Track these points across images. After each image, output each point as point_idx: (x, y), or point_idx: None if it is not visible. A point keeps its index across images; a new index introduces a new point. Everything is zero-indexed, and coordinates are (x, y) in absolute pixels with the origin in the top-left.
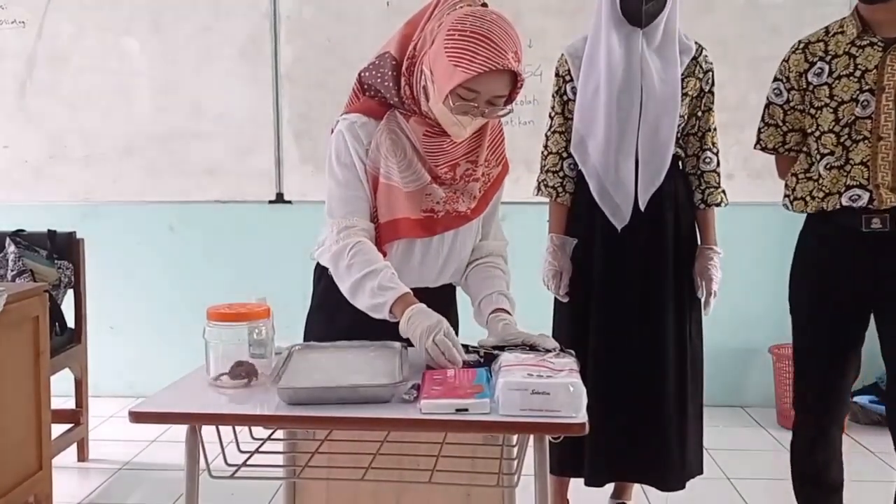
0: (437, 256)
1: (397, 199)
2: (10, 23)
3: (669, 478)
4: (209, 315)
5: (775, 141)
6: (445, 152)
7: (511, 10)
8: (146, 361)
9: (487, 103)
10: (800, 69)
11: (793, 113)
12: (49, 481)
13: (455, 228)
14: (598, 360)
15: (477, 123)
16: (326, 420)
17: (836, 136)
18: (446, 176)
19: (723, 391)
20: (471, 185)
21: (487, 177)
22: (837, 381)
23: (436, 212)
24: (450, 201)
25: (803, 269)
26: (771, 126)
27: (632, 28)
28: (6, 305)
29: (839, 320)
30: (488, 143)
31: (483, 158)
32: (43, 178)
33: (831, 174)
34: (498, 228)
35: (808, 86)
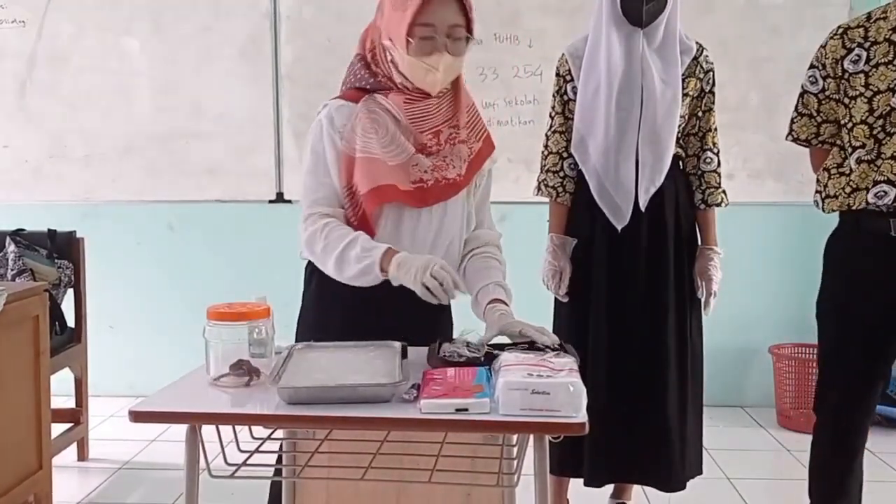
0: (427, 231)
1: (381, 170)
2: (10, 22)
3: (670, 478)
4: (209, 314)
5: (808, 132)
6: (428, 116)
7: (510, 10)
8: (146, 361)
9: (448, 38)
10: (836, 56)
11: (828, 102)
12: (49, 480)
13: (446, 199)
14: (598, 360)
15: (449, 67)
16: (326, 419)
17: (868, 128)
18: (431, 143)
19: (723, 391)
20: (458, 149)
21: (471, 149)
22: (864, 390)
23: (425, 181)
24: (438, 169)
25: (832, 275)
26: (804, 116)
27: (632, 28)
28: (6, 305)
29: (869, 328)
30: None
31: (463, 122)
32: (43, 178)
33: (860, 168)
34: (490, 219)
35: (843, 73)
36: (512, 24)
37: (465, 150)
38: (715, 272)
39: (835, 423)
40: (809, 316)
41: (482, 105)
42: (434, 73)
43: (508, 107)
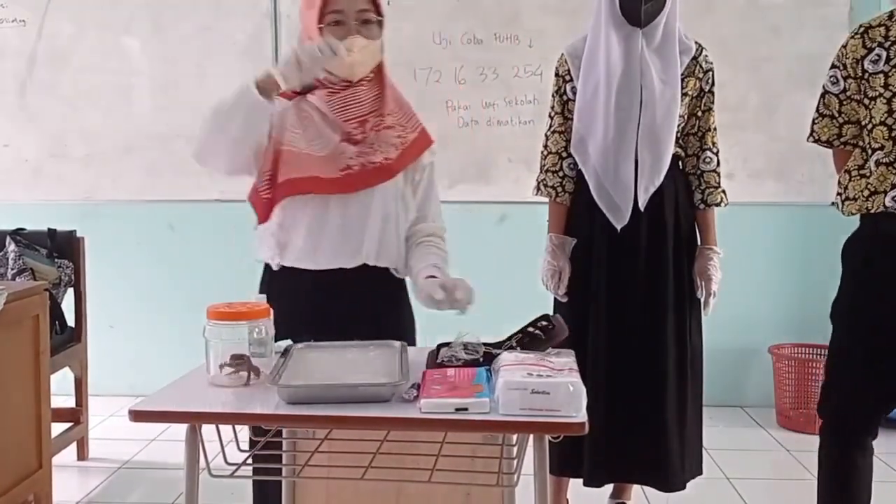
0: (355, 215)
1: (302, 162)
2: (10, 21)
3: (669, 478)
4: (209, 314)
5: (830, 133)
6: (352, 105)
7: (510, 10)
8: (146, 360)
9: (358, 22)
10: (857, 55)
11: (849, 103)
12: (49, 480)
13: (374, 185)
14: (598, 360)
15: (363, 49)
16: (326, 419)
17: (888, 129)
18: (356, 131)
19: (722, 391)
20: (384, 134)
21: (405, 138)
22: (879, 393)
23: (352, 167)
24: (363, 154)
25: (849, 277)
26: (826, 117)
27: (631, 28)
28: (6, 304)
29: (882, 330)
30: (398, 105)
31: (388, 109)
32: (43, 177)
33: (879, 170)
34: (437, 214)
35: (863, 74)
36: (512, 24)
37: (392, 136)
38: (714, 272)
39: (837, 423)
40: (809, 316)
41: (482, 105)
42: (350, 55)
43: (508, 107)
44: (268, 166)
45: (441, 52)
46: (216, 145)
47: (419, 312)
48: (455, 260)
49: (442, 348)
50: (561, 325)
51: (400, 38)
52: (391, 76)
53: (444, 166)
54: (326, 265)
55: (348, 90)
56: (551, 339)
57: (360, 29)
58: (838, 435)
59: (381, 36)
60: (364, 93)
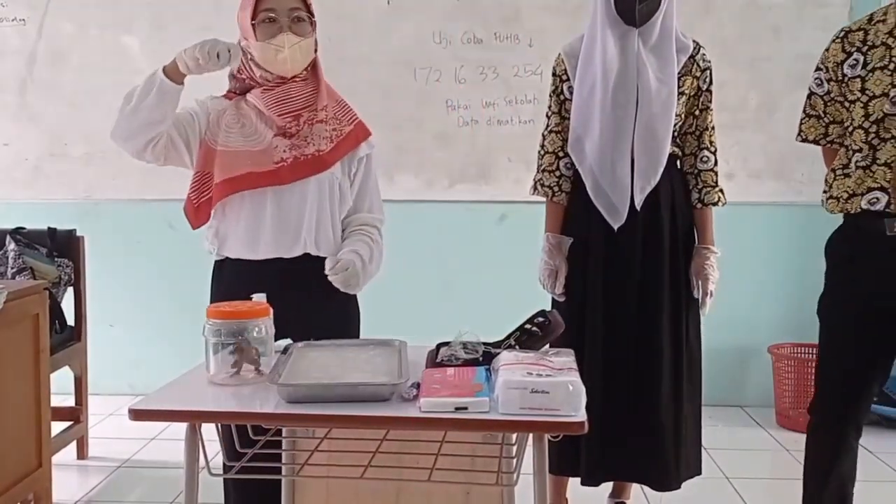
0: (290, 205)
1: (237, 161)
2: (10, 20)
3: (664, 478)
4: (209, 313)
5: (816, 133)
6: (286, 100)
7: (511, 9)
8: (146, 359)
9: (290, 20)
10: (837, 59)
11: (833, 104)
12: (48, 479)
13: (307, 176)
14: (594, 359)
15: (295, 46)
16: (326, 418)
17: (864, 133)
18: (291, 125)
19: (722, 391)
20: (317, 128)
21: (339, 131)
22: (862, 388)
23: (285, 160)
24: (296, 147)
25: (831, 274)
26: (812, 117)
27: (627, 27)
28: (6, 303)
29: (863, 326)
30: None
31: (321, 104)
32: (43, 176)
33: (858, 174)
34: (375, 205)
35: (843, 77)
36: (512, 24)
37: (326, 129)
38: (711, 271)
39: (829, 421)
40: (809, 316)
41: (482, 104)
42: (281, 51)
43: (508, 106)
44: (198, 167)
45: (441, 51)
46: (128, 125)
47: (419, 313)
48: (455, 259)
49: (441, 348)
50: (557, 320)
51: (400, 38)
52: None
53: (444, 166)
54: (265, 255)
55: (282, 86)
56: (548, 334)
57: (292, 26)
58: (828, 433)
59: (312, 34)
60: (298, 89)
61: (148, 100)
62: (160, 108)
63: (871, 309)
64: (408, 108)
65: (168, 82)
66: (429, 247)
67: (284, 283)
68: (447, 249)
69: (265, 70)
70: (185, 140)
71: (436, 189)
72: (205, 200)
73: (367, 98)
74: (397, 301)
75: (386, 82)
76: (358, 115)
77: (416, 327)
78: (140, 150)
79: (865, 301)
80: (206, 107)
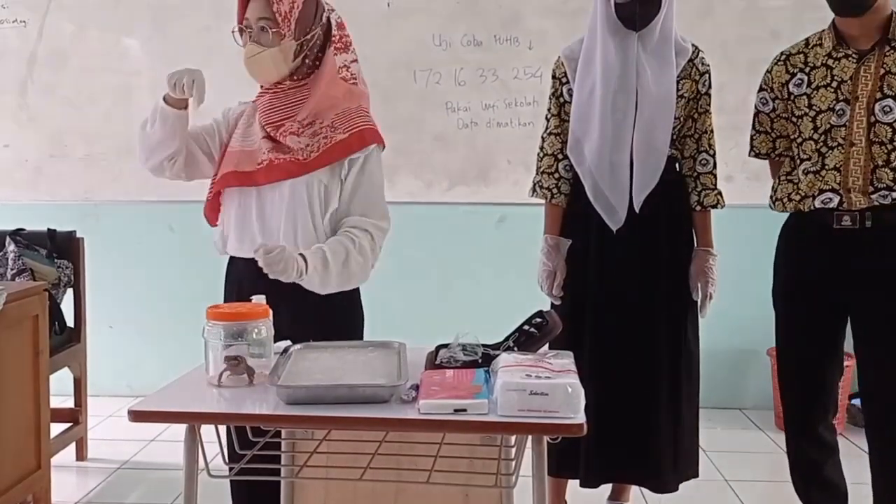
0: (272, 205)
1: (233, 157)
2: (11, 22)
3: (661, 480)
4: (208, 314)
5: (767, 147)
6: (273, 107)
7: (511, 12)
8: (145, 361)
9: (256, 30)
10: (781, 80)
11: (779, 120)
12: (48, 480)
13: (283, 178)
14: (593, 362)
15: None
16: (325, 420)
17: (814, 143)
18: (273, 131)
19: (721, 393)
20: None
21: (329, 139)
22: (817, 379)
23: (263, 161)
24: (276, 150)
25: (779, 267)
26: (761, 133)
27: (627, 31)
28: (6, 304)
29: (815, 316)
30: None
31: (302, 115)
32: (43, 178)
33: (808, 178)
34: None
35: (789, 95)
36: (512, 26)
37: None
38: (711, 274)
39: (797, 413)
40: None
41: (482, 106)
42: (250, 60)
43: (508, 108)
44: (215, 170)
45: (441, 53)
46: (143, 148)
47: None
48: (455, 260)
49: (441, 349)
50: (555, 320)
51: (400, 40)
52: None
53: (444, 167)
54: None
55: (272, 92)
56: (546, 334)
57: (258, 36)
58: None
59: (278, 44)
60: (285, 97)
61: (154, 125)
62: (164, 130)
63: (817, 299)
64: (408, 109)
65: (167, 108)
66: (428, 248)
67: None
68: (446, 251)
69: None
70: (206, 152)
71: (435, 191)
72: (211, 198)
73: None
74: (397, 303)
75: (386, 84)
76: (366, 124)
77: (415, 329)
78: (158, 169)
79: (812, 291)
80: (229, 114)
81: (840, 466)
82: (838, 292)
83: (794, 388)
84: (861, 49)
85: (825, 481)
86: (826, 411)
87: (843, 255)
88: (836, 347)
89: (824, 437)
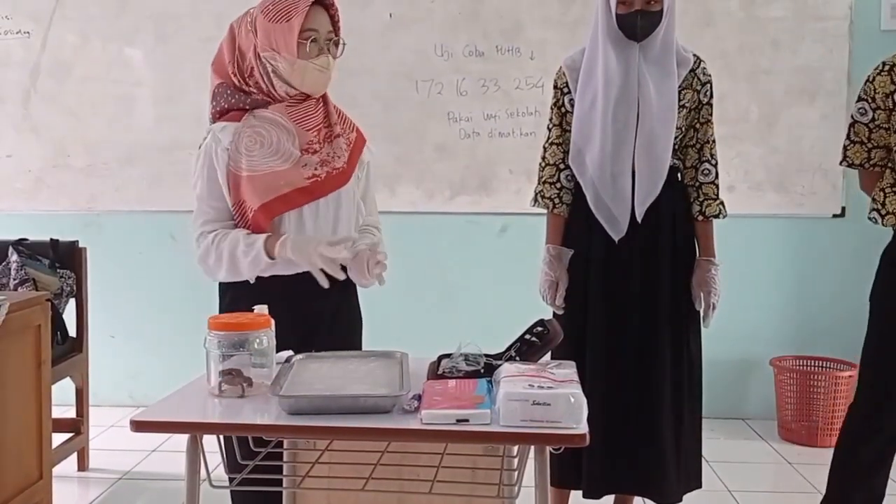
0: (326, 220)
1: (269, 184)
2: (15, 33)
3: (665, 490)
4: (210, 325)
5: (861, 157)
6: (308, 117)
7: (512, 22)
8: (147, 371)
9: (329, 42)
10: (886, 90)
11: (878, 131)
12: (49, 490)
13: (339, 188)
14: (595, 371)
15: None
16: (327, 430)
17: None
18: (314, 140)
19: (724, 403)
20: (336, 142)
21: (349, 138)
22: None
23: (318, 175)
24: (325, 163)
25: (883, 277)
26: (856, 143)
27: (629, 41)
28: (8, 314)
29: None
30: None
31: (334, 118)
32: (46, 187)
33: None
34: (372, 208)
35: (893, 106)
36: (513, 37)
37: (343, 142)
38: (714, 284)
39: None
40: (810, 328)
41: (484, 116)
42: (325, 72)
43: (510, 118)
44: (233, 199)
45: (443, 63)
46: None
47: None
48: (456, 271)
49: (443, 359)
50: (556, 329)
51: (402, 50)
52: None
53: (445, 177)
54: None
55: (304, 103)
56: (548, 343)
57: (331, 49)
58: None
59: (336, 57)
60: (314, 105)
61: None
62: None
63: None
64: (409, 119)
65: (266, 260)
66: (429, 258)
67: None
68: (448, 261)
69: (290, 86)
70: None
71: (437, 201)
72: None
73: (369, 110)
74: (398, 313)
75: (388, 94)
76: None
77: (417, 339)
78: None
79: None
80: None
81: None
82: None
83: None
84: None
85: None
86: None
87: None
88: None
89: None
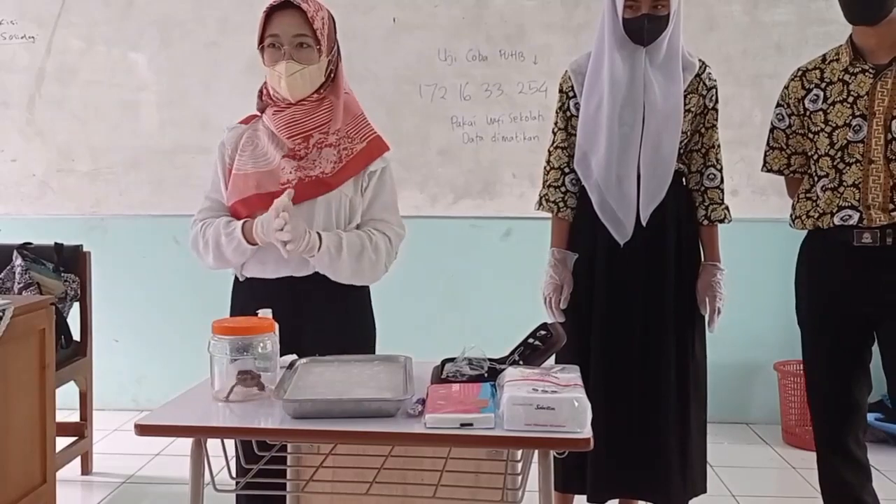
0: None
1: (247, 183)
2: (20, 37)
3: (671, 495)
4: (214, 329)
5: (780, 164)
6: (295, 122)
7: (515, 27)
8: (151, 375)
9: (294, 46)
10: (798, 95)
11: (794, 137)
12: (53, 494)
13: (313, 197)
14: (600, 376)
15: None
16: (331, 434)
17: (830, 160)
18: (300, 147)
19: (727, 407)
20: (325, 151)
21: (350, 149)
22: (845, 396)
23: (290, 181)
24: (301, 169)
25: (802, 285)
26: (775, 149)
27: (634, 46)
28: (13, 318)
29: (841, 334)
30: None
31: (334, 127)
32: (50, 192)
33: (826, 195)
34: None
35: (805, 111)
36: (517, 41)
37: (333, 153)
38: (719, 289)
39: (829, 432)
40: None
41: (487, 121)
42: (282, 78)
43: (513, 123)
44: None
45: (446, 68)
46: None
47: (424, 329)
48: (460, 274)
49: (447, 364)
50: (559, 332)
51: (406, 55)
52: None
53: (449, 181)
54: (274, 274)
55: (293, 108)
56: (551, 346)
57: (294, 53)
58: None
59: (318, 60)
60: (309, 110)
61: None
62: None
63: (840, 315)
64: (413, 124)
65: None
66: (434, 262)
67: (298, 301)
68: (452, 265)
69: (277, 91)
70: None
71: (441, 204)
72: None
73: (373, 114)
74: (402, 316)
75: (391, 99)
76: (375, 130)
77: (421, 343)
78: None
79: (835, 307)
80: (225, 145)
81: (875, 495)
82: (863, 309)
83: (826, 408)
84: (878, 64)
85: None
86: (857, 429)
87: (864, 272)
88: (865, 365)
89: (856, 454)
